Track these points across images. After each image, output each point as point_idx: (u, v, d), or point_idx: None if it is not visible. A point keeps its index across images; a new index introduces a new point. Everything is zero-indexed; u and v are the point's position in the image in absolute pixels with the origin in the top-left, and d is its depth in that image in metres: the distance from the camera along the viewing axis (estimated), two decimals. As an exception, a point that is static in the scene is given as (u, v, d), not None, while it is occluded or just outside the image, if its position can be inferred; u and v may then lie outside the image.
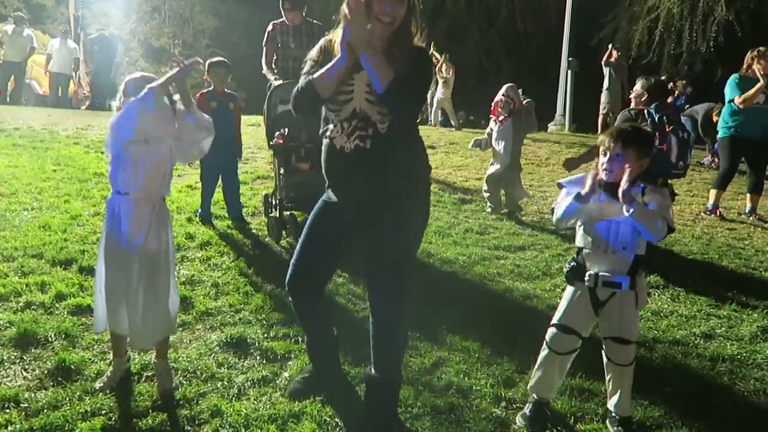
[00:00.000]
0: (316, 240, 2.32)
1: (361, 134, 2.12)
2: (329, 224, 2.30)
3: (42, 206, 4.82)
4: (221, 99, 4.64)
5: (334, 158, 2.19)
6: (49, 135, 7.78)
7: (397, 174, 2.18)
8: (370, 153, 2.13)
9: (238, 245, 4.34)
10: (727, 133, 5.97)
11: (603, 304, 2.33)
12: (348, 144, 2.13)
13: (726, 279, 4.26)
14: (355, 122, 2.13)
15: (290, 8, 5.34)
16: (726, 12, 15.64)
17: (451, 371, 2.79)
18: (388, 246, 2.24)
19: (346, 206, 2.25)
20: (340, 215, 2.27)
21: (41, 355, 2.70)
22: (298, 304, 2.42)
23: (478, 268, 4.18)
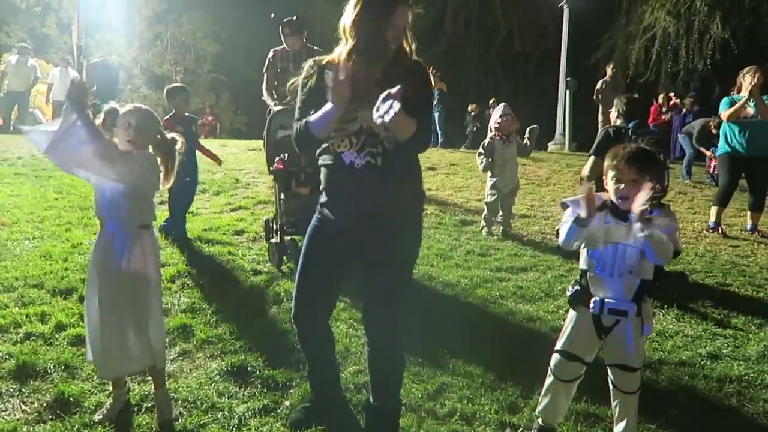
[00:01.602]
0: (314, 269, 2.27)
1: (372, 150, 2.09)
2: (326, 250, 2.25)
3: (43, 235, 4.83)
4: (185, 122, 4.80)
5: (343, 174, 2.14)
6: (51, 163, 7.81)
7: (403, 193, 2.18)
8: (382, 171, 2.10)
9: (239, 271, 4.33)
10: (726, 150, 5.98)
11: (608, 330, 2.28)
12: (359, 160, 2.10)
13: (731, 297, 4.22)
14: (364, 138, 2.10)
15: (290, 33, 5.41)
16: (722, 30, 15.81)
17: (454, 397, 2.75)
18: (386, 273, 2.22)
19: (344, 227, 2.20)
20: (336, 239, 2.22)
21: (40, 388, 2.68)
22: (304, 334, 2.37)
23: (480, 291, 4.15)
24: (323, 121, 2.09)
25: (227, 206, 6.17)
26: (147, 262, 2.43)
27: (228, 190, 6.87)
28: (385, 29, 2.07)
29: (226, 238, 5.03)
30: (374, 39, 2.07)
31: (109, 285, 2.39)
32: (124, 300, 2.40)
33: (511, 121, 5.63)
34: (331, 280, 2.31)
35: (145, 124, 2.47)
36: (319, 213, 2.27)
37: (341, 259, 2.27)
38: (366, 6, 2.06)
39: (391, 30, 2.08)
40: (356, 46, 2.10)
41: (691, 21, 16.45)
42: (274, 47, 5.60)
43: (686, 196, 8.09)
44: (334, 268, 2.28)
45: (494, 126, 5.70)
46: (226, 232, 5.17)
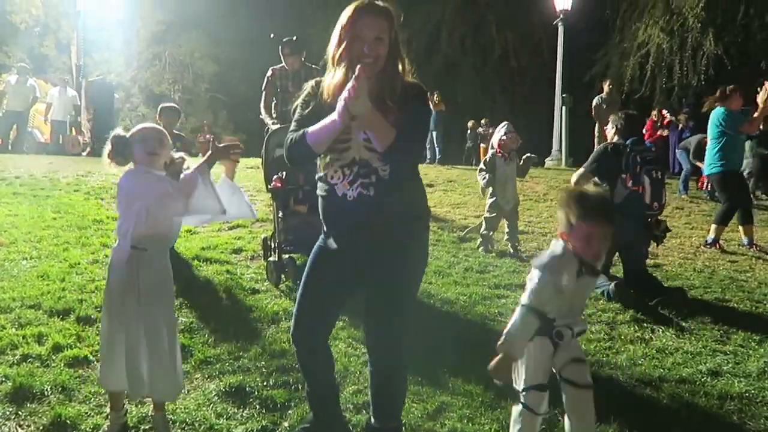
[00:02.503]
0: (316, 290, 2.26)
1: (364, 182, 2.06)
2: (328, 273, 2.24)
3: (41, 255, 4.81)
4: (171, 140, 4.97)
5: (337, 206, 2.12)
6: (49, 182, 7.83)
7: (401, 219, 2.13)
8: (374, 200, 2.07)
9: (237, 290, 4.32)
10: (718, 170, 6.03)
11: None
12: (351, 192, 2.08)
13: (730, 313, 4.22)
14: (356, 169, 2.07)
15: (290, 53, 5.46)
16: (715, 46, 16.00)
17: (454, 416, 2.73)
18: (388, 295, 2.20)
19: (346, 254, 2.19)
20: (339, 263, 2.21)
21: (37, 410, 2.65)
22: (303, 355, 2.35)
23: (479, 308, 4.14)
24: (323, 133, 2.03)
25: (225, 224, 6.16)
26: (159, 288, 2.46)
27: (226, 208, 6.86)
28: (352, 43, 2.02)
29: (224, 257, 5.02)
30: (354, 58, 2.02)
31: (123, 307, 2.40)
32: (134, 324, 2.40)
33: (514, 138, 5.70)
34: (330, 304, 2.30)
35: (160, 136, 2.52)
36: (323, 241, 2.27)
37: (340, 285, 2.26)
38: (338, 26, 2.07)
39: (356, 42, 2.02)
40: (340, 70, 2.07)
41: (684, 38, 16.66)
42: (273, 66, 5.65)
43: (683, 211, 8.12)
44: (333, 293, 2.27)
45: (497, 143, 5.73)
46: (224, 251, 5.16)
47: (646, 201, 4.25)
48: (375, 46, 2.02)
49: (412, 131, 2.06)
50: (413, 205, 2.20)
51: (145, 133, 2.51)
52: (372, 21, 2.02)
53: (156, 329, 2.41)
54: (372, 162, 2.07)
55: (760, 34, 15.93)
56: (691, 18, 16.27)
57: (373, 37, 2.01)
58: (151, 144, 2.47)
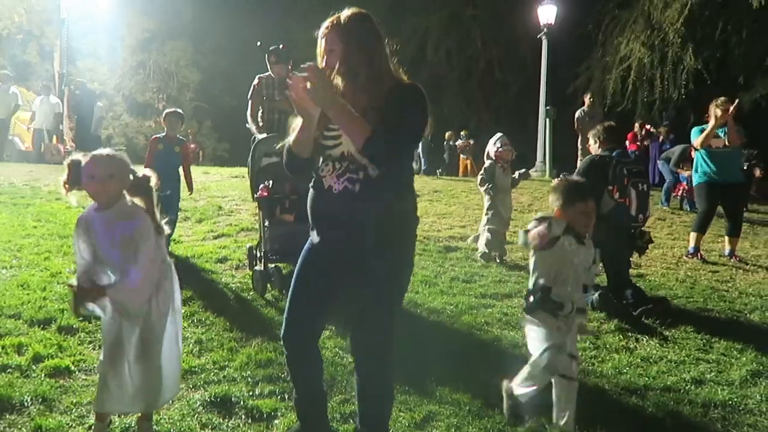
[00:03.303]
0: (306, 289, 2.26)
1: (351, 177, 2.09)
2: (317, 270, 2.24)
3: (21, 264, 4.73)
4: (168, 142, 5.48)
5: (321, 197, 2.16)
6: (30, 191, 7.72)
7: (383, 220, 2.10)
8: (358, 197, 2.07)
9: (222, 300, 4.28)
10: (703, 179, 6.13)
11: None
12: (337, 185, 2.10)
13: (712, 322, 4.27)
14: (346, 164, 2.11)
15: (276, 61, 5.47)
16: (695, 61, 16.31)
17: (441, 425, 2.72)
18: (373, 300, 2.20)
19: (332, 249, 2.19)
20: (326, 259, 2.21)
21: (16, 422, 2.59)
22: (294, 358, 2.33)
23: (465, 318, 4.15)
24: (299, 136, 2.15)
25: (210, 234, 6.13)
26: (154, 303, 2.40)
27: (211, 217, 6.83)
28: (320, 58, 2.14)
29: (209, 266, 4.98)
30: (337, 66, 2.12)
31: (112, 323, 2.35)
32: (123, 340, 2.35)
33: (509, 151, 5.76)
34: (319, 303, 2.28)
35: (108, 172, 2.29)
36: (309, 236, 2.29)
37: (327, 283, 2.24)
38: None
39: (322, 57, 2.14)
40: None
41: (664, 52, 16.95)
42: (260, 74, 5.65)
43: (665, 222, 8.23)
44: (322, 290, 2.26)
45: (494, 155, 5.78)
46: (209, 260, 5.12)
47: (632, 213, 4.31)
48: (327, 57, 2.13)
49: (392, 128, 2.01)
50: (398, 212, 2.16)
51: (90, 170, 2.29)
52: (324, 37, 2.13)
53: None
54: (360, 158, 2.08)
55: (738, 50, 16.28)
56: (671, 33, 16.59)
57: (327, 51, 2.13)
58: (97, 183, 2.28)
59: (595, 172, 4.42)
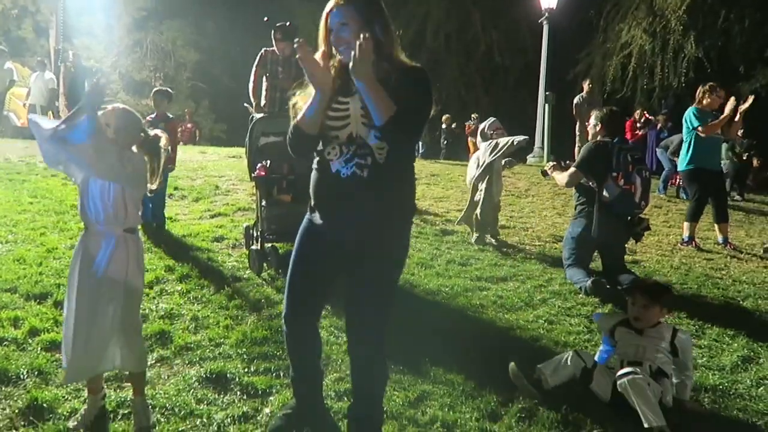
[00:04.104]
0: (307, 271, 2.25)
1: (360, 162, 2.07)
2: (319, 252, 2.23)
3: (17, 239, 4.72)
4: (154, 120, 5.34)
5: (328, 182, 2.13)
6: (26, 167, 7.68)
7: (389, 207, 2.13)
8: (367, 182, 2.07)
9: (219, 278, 4.28)
10: (689, 166, 6.14)
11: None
12: (345, 169, 2.08)
13: (705, 309, 4.30)
14: (354, 148, 2.08)
15: (281, 38, 5.43)
16: (696, 49, 16.25)
17: (435, 405, 2.75)
18: (371, 285, 2.20)
19: (331, 231, 2.18)
20: (328, 241, 2.20)
21: (12, 394, 2.61)
22: (294, 338, 2.32)
23: (460, 300, 4.17)
24: (310, 111, 2.09)
25: (207, 213, 6.12)
26: (129, 268, 2.38)
27: (208, 196, 6.81)
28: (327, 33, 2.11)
29: (205, 245, 4.98)
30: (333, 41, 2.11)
31: (87, 288, 2.34)
32: (102, 305, 2.35)
33: (503, 134, 5.75)
34: (320, 285, 2.29)
35: (124, 124, 2.43)
36: (309, 215, 2.26)
37: (328, 265, 2.25)
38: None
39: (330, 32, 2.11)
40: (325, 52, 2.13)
41: (666, 40, 16.88)
42: (266, 47, 5.63)
43: (661, 210, 8.25)
44: (323, 272, 2.26)
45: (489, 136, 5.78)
46: (205, 239, 5.12)
47: (636, 200, 4.31)
48: (340, 32, 2.09)
49: (412, 110, 2.04)
50: (402, 199, 2.20)
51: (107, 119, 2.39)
52: (337, 10, 2.09)
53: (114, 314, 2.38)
54: (368, 140, 2.06)
55: (739, 39, 16.21)
56: (673, 20, 16.50)
57: (338, 25, 2.09)
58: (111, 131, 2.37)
59: (597, 158, 4.41)
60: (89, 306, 2.34)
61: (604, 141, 4.51)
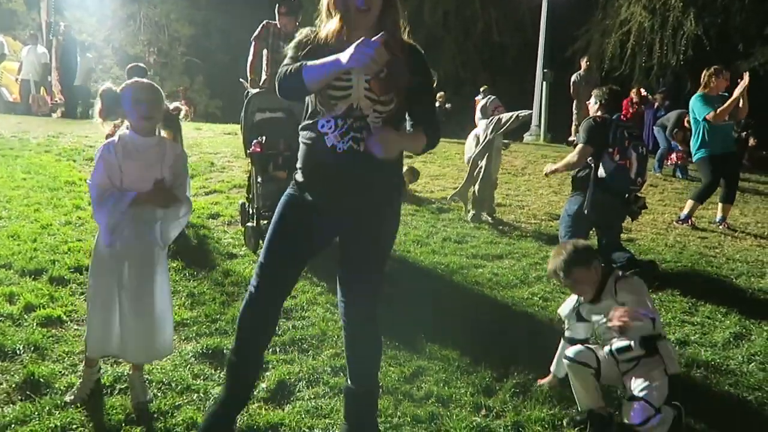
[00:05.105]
0: (286, 248, 2.15)
1: (356, 136, 2.03)
2: (302, 228, 2.15)
3: (11, 215, 4.70)
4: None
5: (323, 156, 2.06)
6: (18, 143, 7.61)
7: (383, 181, 2.12)
8: (363, 156, 2.03)
9: (215, 255, 4.28)
10: (704, 154, 6.08)
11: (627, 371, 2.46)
12: (341, 144, 2.02)
13: (699, 286, 4.33)
14: (351, 121, 2.03)
15: (285, 12, 5.34)
16: (695, 27, 16.08)
17: (430, 380, 2.77)
18: (364, 258, 2.20)
19: (319, 208, 2.13)
20: (312, 216, 2.14)
21: (9, 369, 2.61)
22: (254, 316, 2.21)
23: (456, 277, 4.18)
24: (322, 71, 1.94)
25: (202, 189, 6.09)
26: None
27: (203, 173, 6.77)
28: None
29: (201, 222, 4.96)
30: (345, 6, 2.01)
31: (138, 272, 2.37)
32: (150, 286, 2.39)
33: (503, 111, 5.74)
34: (298, 263, 2.24)
35: (155, 97, 2.38)
36: (294, 191, 2.17)
37: (312, 243, 2.20)
38: None
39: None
40: (343, 18, 2.03)
41: (665, 17, 16.69)
42: (268, 20, 5.54)
43: (657, 188, 8.26)
44: (303, 251, 2.20)
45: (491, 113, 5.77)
46: (201, 216, 5.11)
47: (631, 176, 4.30)
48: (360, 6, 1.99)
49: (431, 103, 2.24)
50: (394, 170, 2.19)
51: (138, 95, 2.33)
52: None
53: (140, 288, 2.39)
54: (368, 114, 2.04)
55: (739, 17, 16.06)
56: (673, -3, 16.32)
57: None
58: (145, 108, 2.33)
59: (597, 133, 4.39)
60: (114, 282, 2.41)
61: (603, 117, 4.49)
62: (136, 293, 2.36)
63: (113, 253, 2.35)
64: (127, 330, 2.37)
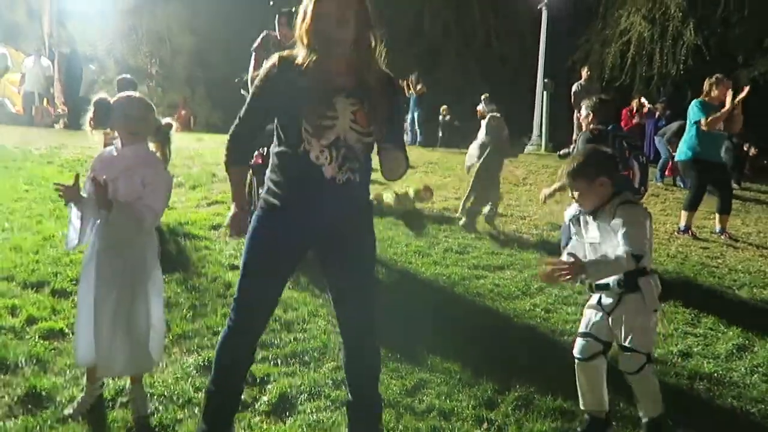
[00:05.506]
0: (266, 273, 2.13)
1: (352, 166, 2.04)
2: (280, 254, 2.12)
3: (13, 227, 4.70)
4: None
5: (321, 187, 2.03)
6: (21, 154, 7.63)
7: (368, 202, 2.24)
8: (359, 185, 2.10)
9: (216, 266, 4.28)
10: (689, 155, 6.12)
11: (611, 310, 2.43)
12: (341, 176, 2.03)
13: (701, 297, 4.32)
14: (343, 151, 2.02)
15: (285, 24, 5.39)
16: (695, 37, 16.19)
17: (432, 393, 2.77)
18: (359, 277, 2.20)
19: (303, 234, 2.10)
20: (292, 242, 2.11)
21: (11, 382, 2.61)
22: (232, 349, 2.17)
23: (458, 288, 4.18)
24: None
25: (204, 200, 6.10)
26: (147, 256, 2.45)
27: (205, 184, 6.79)
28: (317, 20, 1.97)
29: (202, 233, 4.96)
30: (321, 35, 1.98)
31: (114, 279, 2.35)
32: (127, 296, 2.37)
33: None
34: (277, 297, 2.23)
35: (144, 113, 2.42)
36: (273, 215, 2.11)
37: (286, 271, 2.21)
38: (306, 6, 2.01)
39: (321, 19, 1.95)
40: (309, 47, 2.00)
41: (665, 27, 16.80)
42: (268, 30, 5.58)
43: (659, 198, 8.26)
44: (279, 281, 2.19)
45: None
46: (202, 227, 5.11)
47: (635, 185, 4.31)
48: (338, 26, 1.96)
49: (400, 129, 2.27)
50: (368, 189, 2.27)
51: (128, 110, 2.39)
52: (336, 4, 1.95)
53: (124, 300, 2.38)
54: (355, 145, 2.04)
55: (738, 28, 16.16)
56: (672, 7, 16.41)
57: (336, 19, 1.95)
58: (133, 123, 2.39)
59: None
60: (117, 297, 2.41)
61: (599, 129, 4.51)
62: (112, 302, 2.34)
63: (88, 261, 2.39)
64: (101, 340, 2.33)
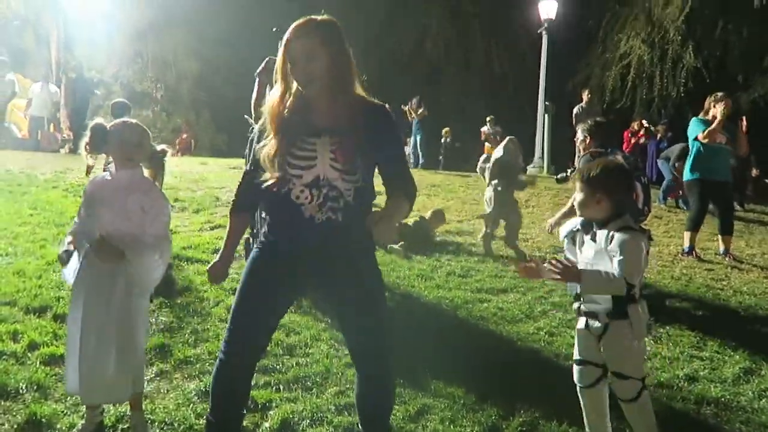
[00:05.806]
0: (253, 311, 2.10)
1: (333, 206, 2.00)
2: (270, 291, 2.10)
3: (17, 252, 4.72)
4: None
5: (301, 226, 2.02)
6: (26, 178, 7.69)
7: (363, 240, 2.09)
8: (341, 225, 2.02)
9: (218, 291, 4.27)
10: (693, 176, 6.13)
11: (601, 336, 2.36)
12: (320, 215, 2.00)
13: (706, 320, 4.29)
14: (325, 191, 1.99)
15: None
16: (694, 59, 16.34)
17: (436, 419, 2.74)
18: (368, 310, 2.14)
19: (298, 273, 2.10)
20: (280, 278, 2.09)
21: (11, 408, 2.60)
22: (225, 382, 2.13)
23: (461, 312, 4.16)
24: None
25: (207, 224, 6.11)
26: None
27: (208, 208, 6.81)
28: (286, 63, 2.02)
29: (205, 257, 4.96)
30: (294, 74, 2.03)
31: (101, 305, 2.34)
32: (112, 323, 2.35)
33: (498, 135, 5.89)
34: (268, 328, 2.21)
35: (139, 140, 2.45)
36: (264, 253, 2.13)
37: (281, 306, 2.20)
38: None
39: (289, 63, 2.01)
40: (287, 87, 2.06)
41: (664, 50, 16.97)
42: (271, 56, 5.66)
43: (662, 220, 8.25)
44: (273, 315, 2.18)
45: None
46: (205, 251, 5.12)
47: (639, 206, 4.31)
48: (305, 65, 1.99)
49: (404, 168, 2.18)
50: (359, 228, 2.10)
51: (125, 136, 2.42)
52: (301, 43, 1.98)
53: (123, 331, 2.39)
54: (337, 184, 2.01)
55: (737, 49, 16.30)
56: (672, 30, 16.60)
57: (303, 58, 1.98)
58: (129, 149, 2.42)
59: None
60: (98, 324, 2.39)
61: (598, 151, 4.52)
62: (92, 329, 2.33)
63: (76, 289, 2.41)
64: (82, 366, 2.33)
